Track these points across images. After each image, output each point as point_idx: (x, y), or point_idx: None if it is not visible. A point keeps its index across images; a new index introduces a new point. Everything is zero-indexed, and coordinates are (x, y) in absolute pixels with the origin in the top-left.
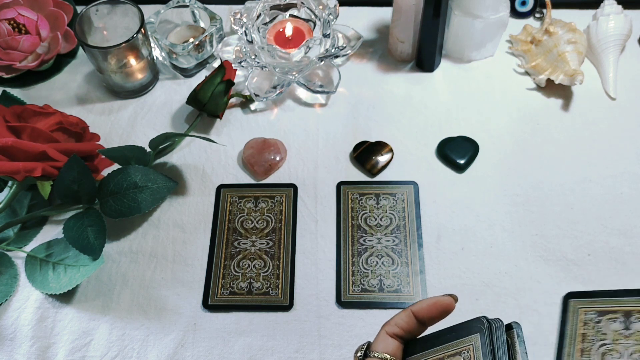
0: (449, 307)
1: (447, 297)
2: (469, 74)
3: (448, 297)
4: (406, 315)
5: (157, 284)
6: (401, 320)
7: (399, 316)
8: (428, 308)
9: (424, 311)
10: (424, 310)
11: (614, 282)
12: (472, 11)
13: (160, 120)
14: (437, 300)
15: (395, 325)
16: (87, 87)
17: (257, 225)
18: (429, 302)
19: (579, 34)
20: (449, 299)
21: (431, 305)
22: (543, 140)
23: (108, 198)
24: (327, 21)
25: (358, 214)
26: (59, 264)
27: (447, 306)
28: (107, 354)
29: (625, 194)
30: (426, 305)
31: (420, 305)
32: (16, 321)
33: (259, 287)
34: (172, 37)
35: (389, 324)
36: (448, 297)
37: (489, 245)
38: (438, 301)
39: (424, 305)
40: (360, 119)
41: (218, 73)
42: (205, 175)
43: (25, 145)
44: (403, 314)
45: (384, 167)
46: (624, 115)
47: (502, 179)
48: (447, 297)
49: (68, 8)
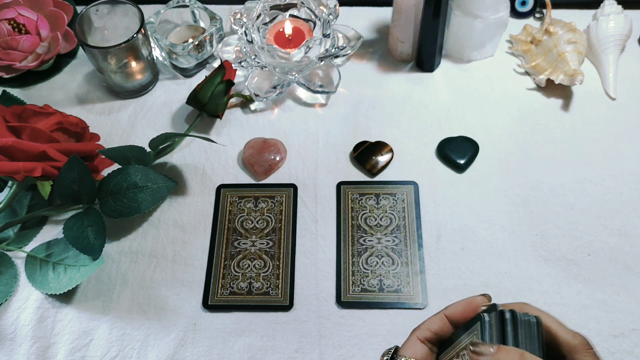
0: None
1: (480, 297)
2: (469, 74)
3: (481, 297)
4: (439, 319)
5: (157, 284)
6: (434, 325)
7: (431, 320)
8: (463, 310)
9: (459, 313)
10: (459, 312)
11: (614, 282)
12: (472, 11)
13: (160, 120)
14: (471, 301)
15: (428, 330)
16: (87, 87)
17: (257, 225)
18: (463, 304)
19: (579, 34)
20: (483, 298)
21: (466, 307)
22: (543, 140)
23: (108, 198)
24: (327, 21)
25: (358, 214)
26: (59, 264)
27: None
28: (107, 354)
29: (625, 194)
30: (461, 307)
31: (454, 308)
32: (16, 321)
33: (259, 287)
34: (172, 37)
35: (421, 329)
36: (481, 297)
37: (489, 245)
38: (472, 301)
39: (459, 307)
40: (360, 119)
41: (218, 73)
42: (205, 175)
43: (25, 145)
44: (436, 319)
45: (384, 167)
46: (624, 115)
47: (502, 179)
48: (481, 297)
49: (68, 8)
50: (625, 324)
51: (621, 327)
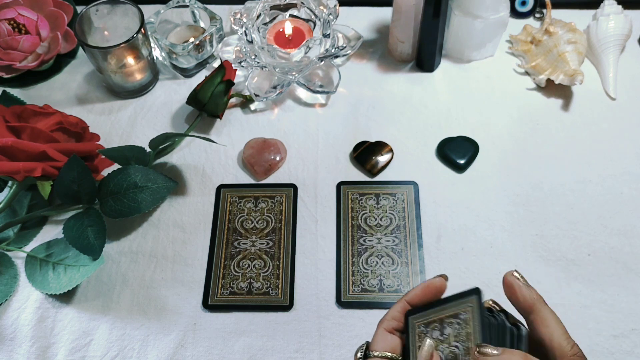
0: (441, 288)
1: (437, 278)
2: (469, 74)
3: (439, 278)
4: (401, 306)
5: (157, 284)
6: (397, 313)
7: (394, 309)
8: (422, 293)
9: (418, 297)
10: (418, 296)
11: (614, 282)
12: (472, 11)
13: (160, 120)
14: (429, 284)
15: (393, 319)
16: (87, 87)
17: (257, 225)
18: (421, 287)
19: (579, 34)
20: (440, 279)
21: (424, 290)
22: (543, 140)
23: (108, 198)
24: (327, 21)
25: (358, 214)
26: (59, 264)
27: (440, 287)
28: (107, 354)
29: (625, 194)
30: (420, 290)
31: (413, 293)
32: (16, 321)
33: (259, 287)
34: (172, 37)
35: (386, 320)
36: (439, 277)
37: (489, 245)
38: (430, 284)
39: (417, 291)
40: (360, 119)
41: (218, 73)
42: (205, 175)
43: (25, 145)
44: (398, 306)
45: (384, 167)
46: (624, 115)
47: (502, 179)
48: (438, 278)
49: (68, 8)
50: (625, 324)
51: (621, 327)
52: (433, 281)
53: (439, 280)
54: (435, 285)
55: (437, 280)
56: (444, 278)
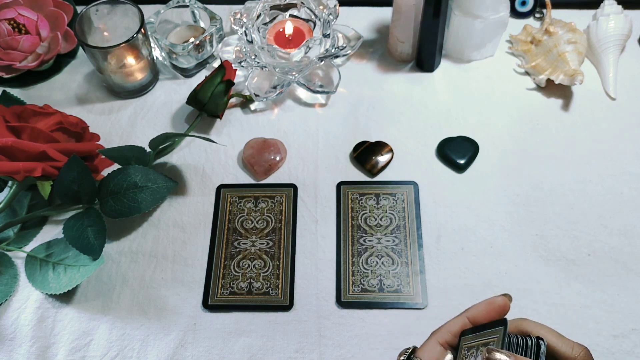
0: (505, 307)
1: (500, 297)
2: (469, 74)
3: (502, 297)
4: (461, 321)
5: (157, 284)
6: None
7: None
8: (486, 312)
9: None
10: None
11: (614, 282)
12: (472, 11)
13: (160, 120)
14: (493, 301)
15: (449, 333)
16: (87, 87)
17: (257, 225)
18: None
19: (579, 34)
20: (503, 298)
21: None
22: (543, 140)
23: (108, 198)
24: (327, 21)
25: (358, 214)
26: (59, 264)
27: (504, 306)
28: (107, 354)
29: (625, 194)
30: (483, 309)
31: (476, 310)
32: (16, 321)
33: (259, 287)
34: (172, 37)
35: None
36: (502, 297)
37: (489, 245)
38: (494, 302)
39: (481, 309)
40: (360, 119)
41: (218, 73)
42: (205, 175)
43: (25, 145)
44: (458, 321)
45: (384, 167)
46: (624, 115)
47: (502, 179)
48: (501, 297)
49: (68, 8)
50: (625, 324)
51: (621, 327)
52: (497, 300)
53: (503, 300)
54: (500, 304)
55: (500, 299)
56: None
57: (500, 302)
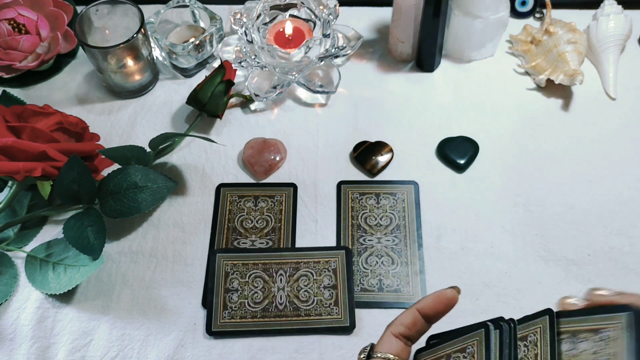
0: (453, 300)
1: (449, 289)
2: (469, 74)
3: (451, 290)
4: (411, 313)
5: (157, 284)
6: (407, 319)
7: (403, 315)
8: (433, 303)
9: (429, 307)
10: (429, 305)
11: (614, 282)
12: (472, 11)
13: (160, 120)
14: (440, 294)
15: (401, 325)
16: (87, 87)
17: (257, 225)
18: (433, 297)
19: (579, 34)
20: (452, 291)
21: (436, 300)
22: (543, 140)
23: (108, 198)
24: (327, 21)
25: (358, 214)
26: (59, 264)
27: (452, 299)
28: (107, 354)
29: (625, 194)
30: (431, 300)
31: (425, 302)
32: (16, 321)
33: None
34: (172, 37)
35: (394, 324)
36: (451, 289)
37: (489, 245)
38: (442, 294)
39: (429, 301)
40: (360, 119)
41: (218, 73)
42: (205, 175)
43: (25, 145)
44: (408, 313)
45: (384, 167)
46: (624, 115)
47: (502, 179)
48: (450, 290)
49: (68, 8)
50: None
51: None
52: (446, 292)
53: (451, 292)
54: (448, 296)
55: (449, 291)
56: (456, 290)
57: (449, 295)
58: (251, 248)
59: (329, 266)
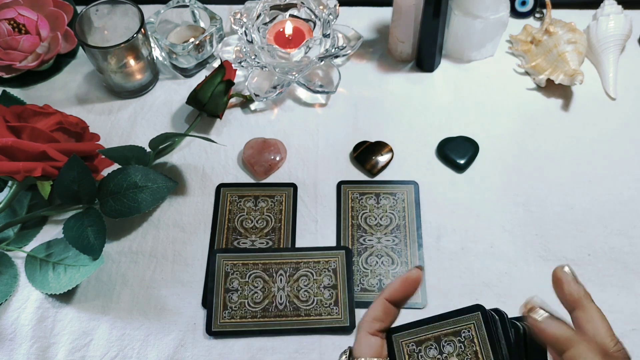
0: (418, 279)
1: (414, 270)
2: (469, 74)
3: (415, 270)
4: (381, 305)
5: (157, 284)
6: (378, 313)
7: (373, 310)
8: (401, 287)
9: (398, 292)
10: (397, 290)
11: (614, 282)
12: (472, 11)
13: (160, 120)
14: (407, 277)
15: (374, 321)
16: (87, 87)
17: (257, 225)
18: (400, 282)
19: (579, 34)
20: (417, 270)
21: (404, 284)
22: (543, 140)
23: (108, 198)
24: (327, 21)
25: (358, 214)
26: (59, 264)
27: (417, 278)
28: (107, 354)
29: (625, 194)
30: (398, 285)
31: (392, 289)
32: (16, 321)
33: None
34: (172, 37)
35: (367, 322)
36: (415, 269)
37: (489, 245)
38: (408, 277)
39: (396, 286)
40: (360, 119)
41: (218, 73)
42: (205, 175)
43: (25, 145)
44: (377, 306)
45: (384, 167)
46: (624, 115)
47: (502, 179)
48: (415, 270)
49: (68, 8)
50: (625, 324)
51: (621, 327)
52: (411, 274)
53: (416, 272)
54: (412, 277)
55: (413, 272)
56: (419, 269)
57: (414, 275)
58: (251, 248)
59: (329, 266)
